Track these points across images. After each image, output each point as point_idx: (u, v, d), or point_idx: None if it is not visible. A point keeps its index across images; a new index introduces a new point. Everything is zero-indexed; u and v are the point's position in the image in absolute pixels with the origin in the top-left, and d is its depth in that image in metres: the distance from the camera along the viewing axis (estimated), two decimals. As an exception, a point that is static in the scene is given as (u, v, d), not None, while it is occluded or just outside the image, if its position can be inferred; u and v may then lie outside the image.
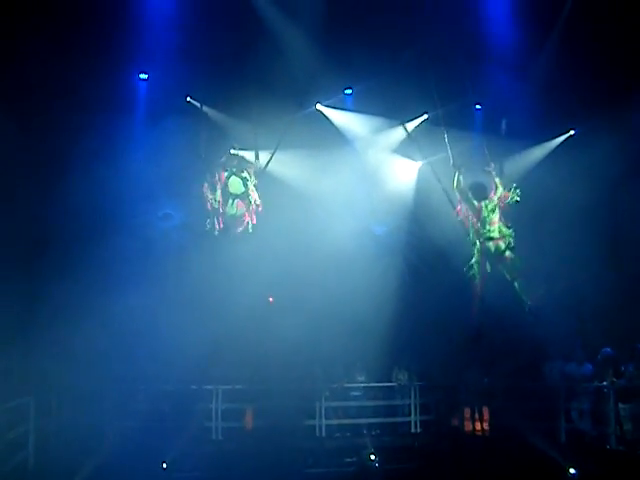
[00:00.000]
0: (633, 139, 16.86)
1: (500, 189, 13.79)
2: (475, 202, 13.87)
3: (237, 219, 14.62)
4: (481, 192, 13.88)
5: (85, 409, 15.23)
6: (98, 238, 15.92)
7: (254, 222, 14.65)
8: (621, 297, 16.66)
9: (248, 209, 14.65)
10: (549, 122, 17.67)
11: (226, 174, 14.71)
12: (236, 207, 14.59)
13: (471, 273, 13.95)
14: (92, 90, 14.94)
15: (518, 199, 13.68)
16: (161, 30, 15.22)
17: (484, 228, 13.70)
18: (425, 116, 17.85)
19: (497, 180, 13.90)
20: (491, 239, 13.71)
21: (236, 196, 14.64)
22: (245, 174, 14.76)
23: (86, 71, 14.71)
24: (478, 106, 18.35)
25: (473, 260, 13.92)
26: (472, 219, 13.86)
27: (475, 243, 13.88)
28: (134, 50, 15.34)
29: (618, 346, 15.55)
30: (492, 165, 14.08)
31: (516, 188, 13.75)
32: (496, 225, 13.77)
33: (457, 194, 14.08)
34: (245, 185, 14.70)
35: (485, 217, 13.75)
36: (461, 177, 13.96)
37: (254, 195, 14.69)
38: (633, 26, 15.64)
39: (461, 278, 15.73)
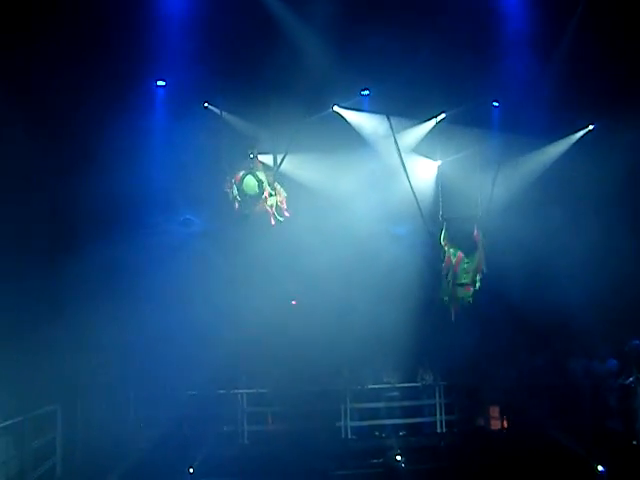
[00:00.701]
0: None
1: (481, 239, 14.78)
2: (459, 252, 14.83)
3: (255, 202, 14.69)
4: (467, 244, 14.86)
5: (111, 415, 15.33)
6: (122, 244, 15.99)
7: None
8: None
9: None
10: (567, 117, 17.56)
11: (242, 174, 14.79)
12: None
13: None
14: (111, 96, 15.01)
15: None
16: (178, 37, 15.27)
17: (460, 275, 14.65)
18: (443, 115, 17.79)
19: (476, 231, 14.81)
20: (462, 285, 14.68)
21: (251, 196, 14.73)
22: (261, 175, 14.82)
23: (105, 77, 14.79)
24: (495, 103, 18.27)
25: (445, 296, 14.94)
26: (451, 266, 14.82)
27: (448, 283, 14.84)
28: (152, 57, 15.38)
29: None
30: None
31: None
32: (470, 274, 14.66)
33: (444, 247, 15.00)
34: (260, 187, 14.77)
35: (465, 266, 14.67)
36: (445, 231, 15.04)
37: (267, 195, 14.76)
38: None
39: (483, 277, 15.73)
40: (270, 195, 14.67)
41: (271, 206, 14.68)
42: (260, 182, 14.73)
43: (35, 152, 15.07)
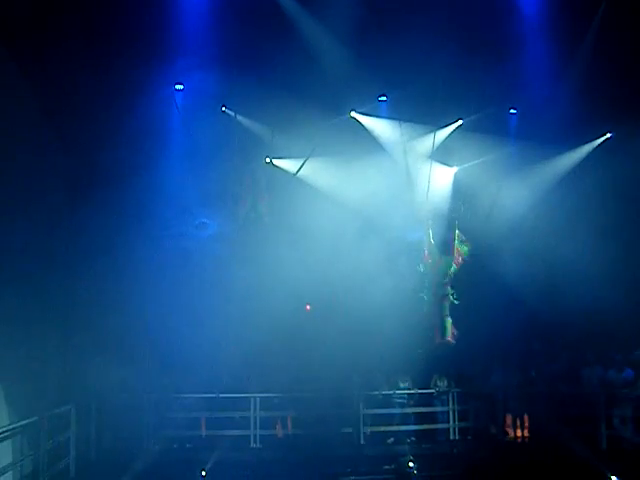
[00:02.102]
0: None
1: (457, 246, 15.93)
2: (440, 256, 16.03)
3: None
4: (446, 248, 16.00)
5: (125, 417, 15.38)
6: (136, 247, 16.08)
7: None
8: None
9: None
10: (585, 125, 17.50)
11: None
12: None
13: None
14: (129, 100, 15.09)
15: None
16: (196, 41, 15.32)
17: (441, 277, 15.88)
18: (460, 122, 17.78)
19: (457, 240, 15.95)
20: (443, 284, 15.85)
21: None
22: None
23: (122, 82, 14.88)
24: (513, 110, 18.25)
25: (424, 296, 15.97)
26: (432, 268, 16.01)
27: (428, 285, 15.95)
28: (170, 61, 15.44)
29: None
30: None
31: (466, 243, 16.01)
32: (451, 272, 15.94)
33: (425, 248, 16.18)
34: None
35: (444, 270, 15.88)
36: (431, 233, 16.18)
37: None
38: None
39: (499, 283, 15.70)
40: None
41: None
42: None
43: (54, 154, 15.22)
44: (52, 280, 14.80)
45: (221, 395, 16.41)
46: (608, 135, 18.34)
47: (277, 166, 17.57)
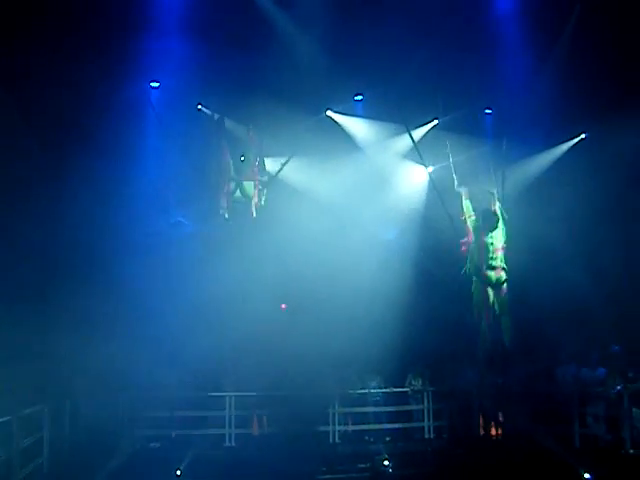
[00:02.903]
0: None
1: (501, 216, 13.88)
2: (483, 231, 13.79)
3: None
4: (491, 221, 13.82)
5: (99, 416, 15.28)
6: (110, 247, 15.99)
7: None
8: (635, 300, 16.59)
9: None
10: (560, 126, 17.65)
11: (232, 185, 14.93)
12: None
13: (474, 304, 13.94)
14: (104, 98, 15.02)
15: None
16: (172, 38, 15.29)
17: (487, 256, 13.60)
18: (435, 122, 17.86)
19: (498, 206, 14.09)
20: (493, 268, 13.66)
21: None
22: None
23: (98, 80, 14.80)
24: (488, 111, 18.36)
25: (473, 288, 13.93)
26: (475, 248, 13.81)
27: (474, 273, 13.85)
28: (146, 58, 15.38)
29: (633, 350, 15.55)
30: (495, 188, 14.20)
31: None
32: (499, 254, 13.81)
33: (467, 224, 14.03)
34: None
35: (489, 245, 13.69)
36: (468, 202, 14.10)
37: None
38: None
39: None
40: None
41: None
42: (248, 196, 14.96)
43: (28, 154, 15.08)
44: (28, 283, 14.69)
45: (196, 394, 16.38)
46: (583, 136, 18.51)
47: (253, 164, 17.55)
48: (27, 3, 13.58)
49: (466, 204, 14.03)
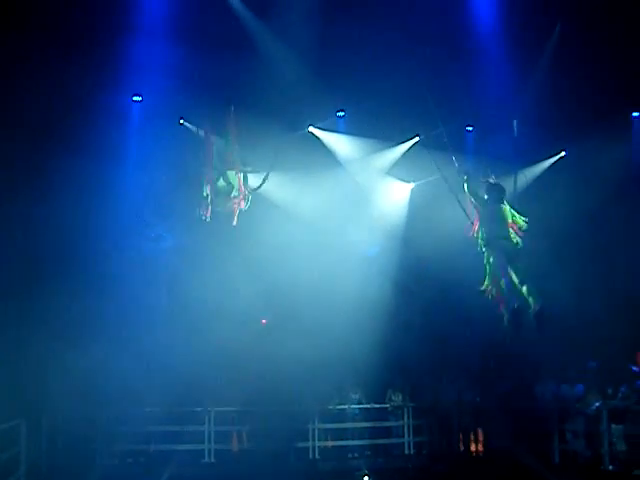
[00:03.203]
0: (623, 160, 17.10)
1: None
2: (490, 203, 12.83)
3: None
4: (498, 193, 12.82)
5: (77, 432, 15.13)
6: (91, 260, 15.92)
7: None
8: (614, 316, 16.67)
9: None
10: (540, 143, 17.77)
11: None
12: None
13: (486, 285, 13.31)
14: (85, 111, 14.98)
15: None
16: (155, 52, 15.27)
17: (500, 225, 12.56)
18: (417, 138, 17.94)
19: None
20: (506, 238, 12.54)
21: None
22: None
23: (79, 92, 14.76)
24: (469, 128, 18.46)
25: (485, 261, 12.75)
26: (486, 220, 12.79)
27: (487, 244, 12.72)
28: (128, 72, 15.36)
29: (611, 366, 15.62)
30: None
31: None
32: (509, 228, 12.65)
33: (470, 198, 12.92)
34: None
35: (499, 215, 12.63)
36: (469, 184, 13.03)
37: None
38: (622, 49, 15.89)
39: (454, 298, 15.75)
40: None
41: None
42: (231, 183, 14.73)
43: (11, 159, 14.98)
44: (7, 294, 14.56)
45: (175, 409, 16.28)
46: (563, 154, 18.65)
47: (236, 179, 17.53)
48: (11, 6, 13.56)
49: (467, 186, 12.96)
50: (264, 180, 16.56)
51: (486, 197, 12.79)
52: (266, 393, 16.06)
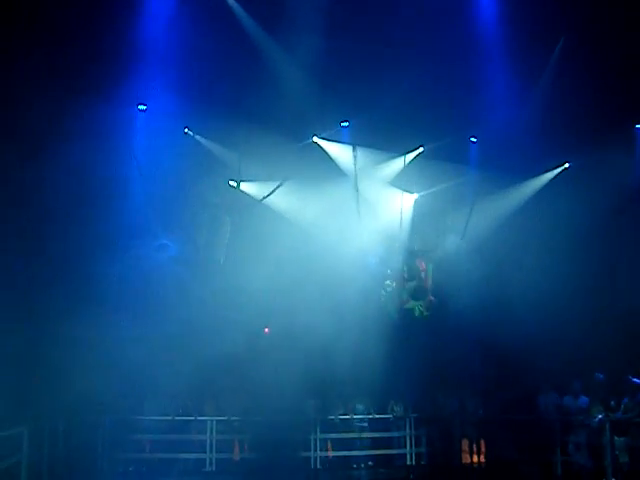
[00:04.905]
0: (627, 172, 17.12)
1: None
2: None
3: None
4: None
5: (79, 439, 15.13)
6: (94, 268, 15.91)
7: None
8: (616, 329, 16.65)
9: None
10: (544, 155, 17.80)
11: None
12: None
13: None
14: (91, 120, 15.01)
15: None
16: (162, 62, 15.36)
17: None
18: (421, 149, 17.98)
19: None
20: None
21: None
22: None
23: (85, 101, 14.79)
24: (473, 139, 18.50)
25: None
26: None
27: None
28: (134, 81, 15.43)
29: (615, 378, 15.59)
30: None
31: None
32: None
33: None
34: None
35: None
36: None
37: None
38: (626, 61, 15.95)
39: (454, 309, 15.75)
40: None
41: None
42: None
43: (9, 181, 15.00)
44: (12, 305, 14.57)
45: (177, 417, 16.29)
46: (566, 165, 18.68)
47: (241, 190, 17.62)
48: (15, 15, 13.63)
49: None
50: (273, 191, 16.73)
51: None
52: (268, 403, 16.04)
